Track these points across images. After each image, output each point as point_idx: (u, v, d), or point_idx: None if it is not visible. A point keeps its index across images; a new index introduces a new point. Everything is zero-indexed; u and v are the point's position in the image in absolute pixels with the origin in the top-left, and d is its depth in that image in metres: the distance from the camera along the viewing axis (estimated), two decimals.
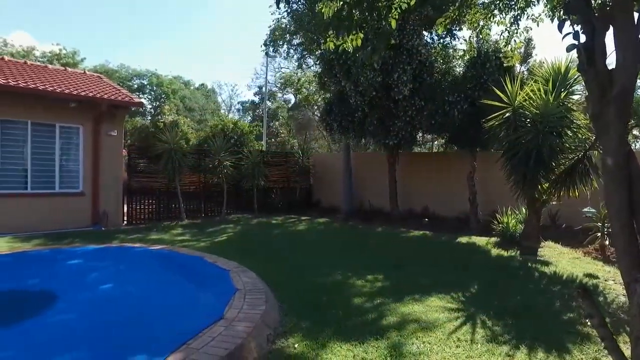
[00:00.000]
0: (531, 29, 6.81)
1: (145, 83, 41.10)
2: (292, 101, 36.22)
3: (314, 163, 16.26)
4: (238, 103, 46.15)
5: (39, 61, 27.20)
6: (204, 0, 60.94)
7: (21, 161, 10.09)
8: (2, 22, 51.04)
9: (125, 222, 11.78)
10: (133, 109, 19.94)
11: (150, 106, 38.35)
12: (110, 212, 10.95)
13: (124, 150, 12.33)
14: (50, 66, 14.35)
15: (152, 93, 40.38)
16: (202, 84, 48.21)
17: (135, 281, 6.04)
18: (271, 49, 18.43)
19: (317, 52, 15.29)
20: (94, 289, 5.74)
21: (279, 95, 38.36)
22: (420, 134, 14.35)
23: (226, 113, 42.80)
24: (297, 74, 25.66)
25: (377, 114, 11.78)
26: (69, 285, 5.74)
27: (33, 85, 9.81)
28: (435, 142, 25.20)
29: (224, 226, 11.34)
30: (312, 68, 21.83)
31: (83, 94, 10.44)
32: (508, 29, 5.89)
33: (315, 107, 31.42)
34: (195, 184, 13.45)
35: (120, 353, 3.52)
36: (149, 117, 35.61)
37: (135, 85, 39.46)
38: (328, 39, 4.66)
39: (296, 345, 3.85)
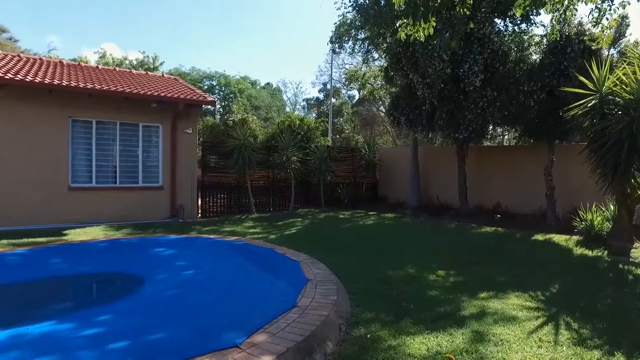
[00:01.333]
0: (629, 4, 6.01)
1: (215, 84, 43.18)
2: (356, 97, 36.16)
3: (380, 158, 16.13)
4: (303, 100, 46.98)
5: (127, 68, 29.61)
6: (269, 1, 62.58)
7: (111, 158, 11.10)
8: (94, 36, 56.84)
9: (199, 214, 12.51)
10: (204, 109, 21.07)
11: (219, 105, 40.20)
12: (186, 205, 11.68)
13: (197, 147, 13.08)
14: (134, 71, 15.58)
15: (221, 93, 42.33)
16: (268, 83, 49.70)
17: (213, 269, 6.39)
18: (337, 45, 18.50)
19: (383, 46, 15.11)
20: (178, 274, 6.16)
21: (343, 91, 38.49)
22: (491, 127, 13.70)
23: (291, 111, 43.70)
24: (362, 69, 25.55)
25: (446, 107, 11.41)
26: (156, 270, 6.21)
27: (121, 89, 10.72)
28: (506, 136, 23.91)
29: (292, 220, 11.63)
30: (377, 62, 21.64)
31: (163, 95, 11.22)
32: (599, 6, 5.37)
33: (380, 102, 31.10)
34: (264, 179, 13.93)
35: (203, 333, 3.74)
36: (218, 116, 37.37)
37: (205, 87, 41.58)
38: (399, 29, 4.60)
39: (369, 335, 3.88)
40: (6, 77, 9.34)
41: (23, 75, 9.79)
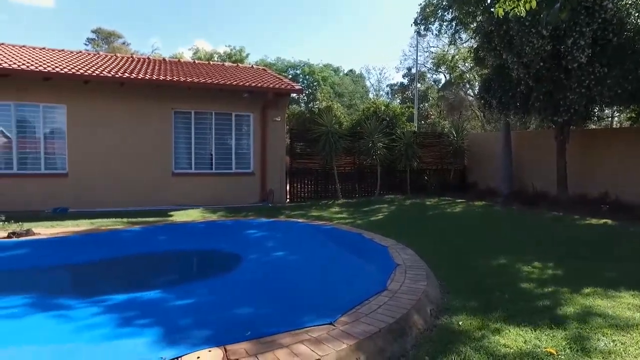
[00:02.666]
0: None
1: (299, 73, 44.11)
2: (442, 81, 34.69)
3: (469, 144, 15.40)
4: (387, 86, 46.20)
5: (217, 61, 31.52)
6: None
7: (208, 146, 12.00)
8: (187, 34, 61.42)
9: (288, 199, 13.04)
10: (290, 97, 21.68)
11: (303, 94, 41.06)
12: (276, 190, 12.25)
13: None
14: (226, 64, 16.55)
15: (305, 82, 43.16)
16: (351, 70, 49.54)
17: (303, 251, 6.68)
18: (422, 27, 17.86)
19: (472, 26, 14.29)
20: (270, 254, 6.55)
21: (428, 75, 37.14)
22: (597, 108, 12.29)
23: (374, 97, 43.25)
24: (449, 51, 24.41)
25: (543, 87, 10.51)
26: (250, 250, 6.66)
27: (217, 81, 11.48)
28: (617, 117, 21.38)
29: (378, 206, 11.63)
30: (466, 44, 20.52)
31: (253, 85, 11.80)
32: None
33: (468, 86, 29.52)
34: (349, 165, 14.08)
35: (297, 309, 3.96)
36: (303, 105, 38.21)
37: (290, 76, 42.66)
38: (497, 6, 4.34)
39: (460, 323, 3.81)
40: (124, 76, 10.51)
41: (136, 74, 10.92)
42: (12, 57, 10.79)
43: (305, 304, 4.17)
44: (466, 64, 22.94)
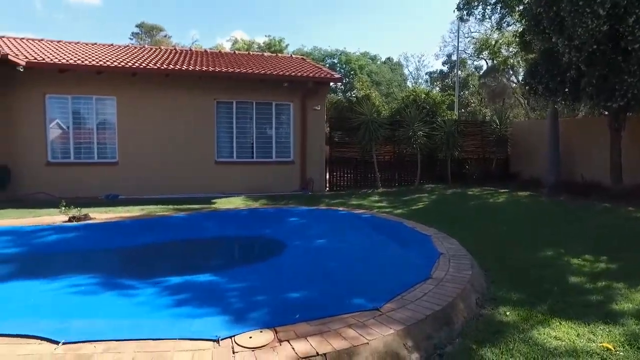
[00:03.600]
0: None
1: (336, 62, 43.91)
2: (484, 68, 33.53)
3: (512, 132, 14.88)
4: (425, 74, 45.19)
5: (256, 51, 31.85)
6: None
7: (249, 135, 12.25)
8: (224, 26, 62.42)
9: (327, 188, 13.14)
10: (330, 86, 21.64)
11: (340, 83, 40.85)
12: (315, 179, 12.37)
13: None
14: (265, 54, 16.72)
15: (341, 70, 42.91)
16: (389, 58, 48.82)
17: (345, 239, 6.76)
18: (465, 12, 17.29)
19: (518, 8, 13.70)
20: (313, 241, 6.67)
21: (469, 62, 35.99)
22: None
23: (412, 85, 42.44)
24: (492, 36, 23.50)
25: (597, 71, 9.94)
26: (293, 237, 6.81)
27: (257, 71, 11.65)
28: None
29: (419, 195, 11.52)
30: (510, 27, 19.68)
31: (293, 74, 11.89)
32: None
33: (511, 72, 28.38)
34: (389, 154, 13.98)
35: (342, 295, 4.04)
36: (340, 94, 38.05)
37: (327, 65, 42.55)
38: None
39: (507, 313, 3.77)
40: (168, 67, 10.88)
41: (180, 65, 11.27)
42: (70, 54, 11.40)
43: (350, 289, 4.25)
44: (510, 49, 22.01)
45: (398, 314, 3.47)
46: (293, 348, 2.92)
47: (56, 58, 10.56)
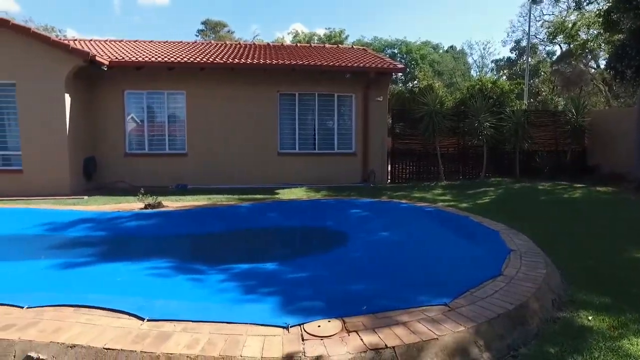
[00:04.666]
0: None
1: (396, 52, 42.98)
2: (558, 53, 31.21)
3: (590, 122, 13.74)
4: (491, 62, 42.98)
5: (317, 43, 32.06)
6: None
7: (311, 126, 12.38)
8: (283, 19, 63.52)
9: (389, 180, 12.98)
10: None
11: (401, 73, 39.95)
12: (377, 171, 12.25)
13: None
14: (327, 45, 16.74)
15: (403, 60, 41.92)
16: (451, 46, 46.97)
17: (409, 232, 6.64)
18: None
19: None
20: (376, 234, 6.63)
21: (540, 48, 33.64)
22: None
23: (477, 74, 40.52)
24: (569, 17, 21.74)
25: None
26: (356, 229, 6.81)
27: (320, 63, 11.70)
28: None
29: (484, 189, 11.03)
30: (590, 6, 18.11)
31: (355, 65, 11.81)
32: None
33: (589, 57, 26.16)
34: (453, 146, 13.51)
35: (410, 288, 3.98)
36: (400, 84, 37.27)
37: (387, 55, 41.77)
38: None
39: (590, 318, 3.52)
40: (234, 62, 11.26)
41: (244, 59, 11.61)
42: (144, 52, 12.16)
43: (415, 283, 4.18)
44: (591, 31, 20.21)
45: (468, 310, 3.36)
46: (361, 339, 2.93)
47: (133, 56, 11.32)
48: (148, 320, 3.25)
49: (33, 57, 9.87)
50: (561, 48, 29.57)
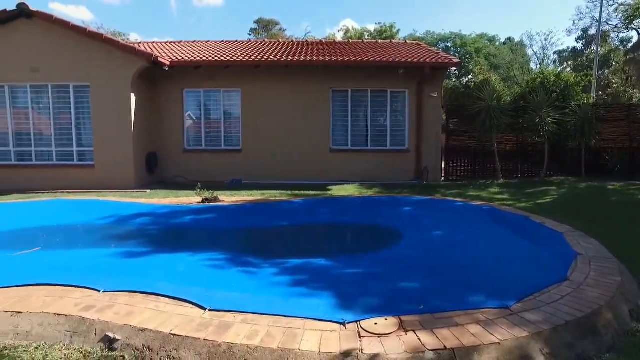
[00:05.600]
0: None
1: (449, 45, 41.65)
2: (634, 40, 28.83)
3: None
4: (554, 53, 40.48)
5: (367, 39, 31.81)
6: None
7: (363, 123, 12.32)
8: (333, 16, 63.54)
9: (442, 178, 12.66)
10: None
11: (455, 68, 38.65)
12: (430, 168, 11.97)
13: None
14: (379, 41, 16.56)
15: (457, 54, 40.53)
16: (509, 38, 44.71)
17: (464, 231, 6.45)
18: None
19: None
20: (430, 232, 6.49)
21: (612, 35, 31.24)
22: None
23: (537, 67, 38.35)
24: None
25: None
26: (409, 227, 6.71)
27: (372, 59, 11.60)
28: None
29: (545, 188, 10.46)
30: None
31: (409, 60, 11.57)
32: None
33: None
34: (511, 143, 12.92)
35: (468, 289, 3.87)
36: (454, 79, 36.08)
37: (440, 49, 40.57)
38: None
39: None
40: (288, 59, 11.44)
41: (298, 56, 11.75)
42: (202, 52, 12.64)
43: (473, 284, 4.05)
44: None
45: (531, 315, 3.21)
46: (419, 339, 2.89)
47: (192, 57, 11.80)
48: (209, 310, 3.40)
49: (104, 60, 10.56)
50: (639, 34, 27.30)
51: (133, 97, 10.74)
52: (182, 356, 2.87)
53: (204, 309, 3.42)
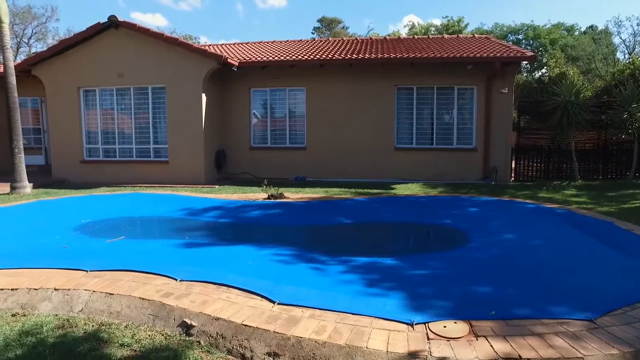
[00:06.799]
0: None
1: (520, 38, 39.29)
2: None
3: None
4: None
5: (433, 35, 30.96)
6: None
7: (429, 121, 12.01)
8: (396, 12, 62.34)
9: (512, 178, 12.02)
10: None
11: (534, 61, 36.36)
12: (499, 167, 11.41)
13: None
14: (446, 36, 16.04)
15: (529, 47, 38.11)
16: (591, 26, 41.28)
17: (537, 235, 6.07)
18: None
19: None
20: (500, 235, 6.19)
21: None
22: None
23: (625, 57, 35.02)
24: None
25: None
26: (477, 228, 6.45)
27: (439, 55, 11.26)
28: None
29: (632, 191, 9.56)
30: None
31: (478, 55, 11.08)
32: None
33: None
34: (591, 141, 11.94)
35: (545, 297, 3.64)
36: (524, 74, 34.00)
37: (510, 42, 38.36)
38: None
39: None
40: (352, 57, 11.44)
41: (362, 54, 11.71)
42: (268, 52, 13.01)
43: (549, 292, 3.81)
44: None
45: (621, 331, 2.96)
46: (491, 345, 2.79)
47: (259, 57, 12.17)
48: (278, 304, 3.51)
49: (179, 63, 11.23)
50: None
51: (204, 97, 11.31)
52: (253, 346, 3.00)
53: (273, 302, 3.54)
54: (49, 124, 12.44)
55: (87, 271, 4.34)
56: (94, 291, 3.79)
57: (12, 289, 3.92)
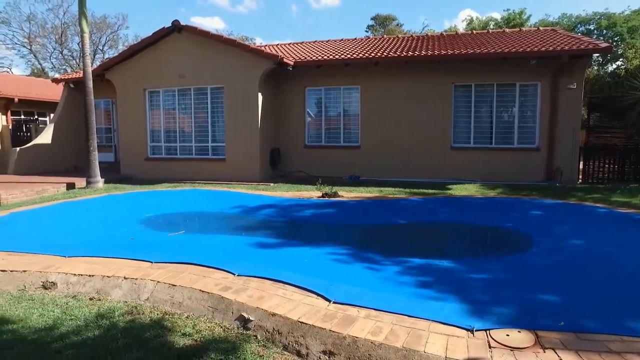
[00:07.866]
0: None
1: (592, 28, 36.48)
2: None
3: None
4: None
5: (492, 29, 29.69)
6: None
7: (488, 119, 11.51)
8: (451, 7, 60.35)
9: (580, 180, 11.25)
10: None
11: (597, 54, 33.75)
12: (565, 168, 10.71)
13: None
14: (507, 30, 15.28)
15: (601, 38, 35.32)
16: None
17: (611, 243, 5.63)
18: None
19: None
20: (567, 241, 5.81)
21: None
22: None
23: None
24: None
25: None
26: (541, 233, 6.09)
27: (499, 50, 10.75)
28: None
29: None
30: None
31: (543, 49, 10.46)
32: None
33: None
34: None
35: (617, 311, 3.39)
36: (595, 67, 31.59)
37: (579, 33, 35.82)
38: None
39: None
40: (408, 54, 11.22)
41: (418, 51, 11.44)
42: (322, 51, 13.08)
43: (625, 306, 3.52)
44: None
45: None
46: (561, 359, 2.62)
47: (314, 56, 12.27)
48: (334, 303, 3.52)
49: (236, 63, 11.59)
50: None
51: (260, 97, 11.58)
52: (309, 343, 3.03)
53: (329, 301, 3.56)
54: (118, 123, 13.33)
55: (152, 262, 4.60)
56: (158, 282, 4.01)
57: (89, 275, 4.25)
